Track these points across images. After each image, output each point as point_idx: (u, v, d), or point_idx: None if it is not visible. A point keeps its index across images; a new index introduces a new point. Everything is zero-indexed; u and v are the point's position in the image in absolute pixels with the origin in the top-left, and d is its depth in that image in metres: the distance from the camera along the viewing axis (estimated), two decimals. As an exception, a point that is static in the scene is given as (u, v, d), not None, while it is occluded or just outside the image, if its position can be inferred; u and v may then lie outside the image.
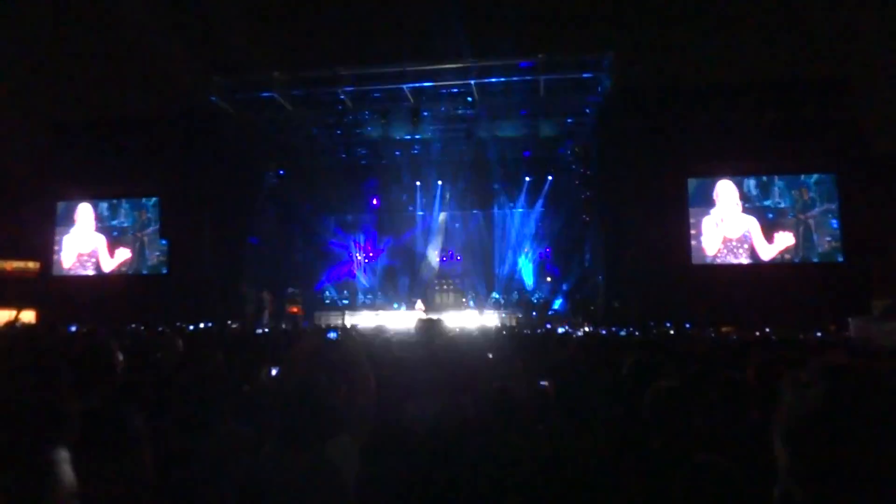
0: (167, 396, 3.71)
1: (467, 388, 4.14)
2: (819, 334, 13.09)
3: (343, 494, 2.91)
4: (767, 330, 13.86)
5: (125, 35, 18.70)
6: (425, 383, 4.03)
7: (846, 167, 20.06)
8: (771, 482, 1.25)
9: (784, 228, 20.69)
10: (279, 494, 2.82)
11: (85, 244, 23.99)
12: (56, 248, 24.11)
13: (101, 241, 23.89)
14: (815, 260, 20.44)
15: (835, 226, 20.45)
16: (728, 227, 20.94)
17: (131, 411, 2.43)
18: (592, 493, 3.18)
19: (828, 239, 20.49)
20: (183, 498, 2.93)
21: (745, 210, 20.89)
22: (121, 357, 3.07)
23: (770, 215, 20.79)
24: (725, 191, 21.07)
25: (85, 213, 24.09)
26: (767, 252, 20.65)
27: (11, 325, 8.53)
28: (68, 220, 24.20)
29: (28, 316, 19.81)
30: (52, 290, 22.91)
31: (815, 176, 20.73)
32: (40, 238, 24.02)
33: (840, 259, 20.18)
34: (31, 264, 24.46)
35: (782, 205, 20.80)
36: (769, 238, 20.65)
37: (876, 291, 18.68)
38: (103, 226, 24.03)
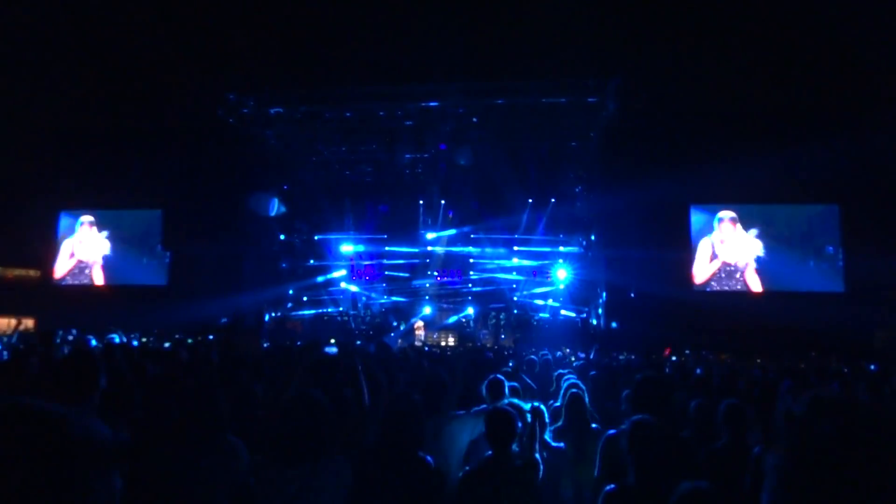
0: (160, 408, 3.69)
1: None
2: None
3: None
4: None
5: (132, 46, 18.78)
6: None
7: (850, 198, 20.08)
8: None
9: (785, 258, 20.67)
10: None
11: (86, 253, 23.96)
12: (57, 256, 24.07)
13: (101, 251, 23.88)
14: (816, 289, 20.38)
15: (837, 256, 20.41)
16: (727, 253, 20.95)
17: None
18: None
19: (829, 269, 20.45)
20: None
21: (746, 238, 20.90)
22: (103, 368, 3.04)
23: (771, 244, 20.77)
24: (726, 217, 21.10)
25: (87, 222, 24.10)
26: (765, 280, 20.61)
27: (14, 331, 8.55)
28: (70, 229, 24.20)
29: (28, 324, 19.75)
30: (52, 298, 22.84)
31: (819, 207, 20.74)
32: (42, 246, 23.98)
33: (842, 289, 20.11)
34: (32, 272, 24.41)
35: (784, 234, 20.79)
36: (768, 267, 20.63)
37: (878, 323, 18.58)
38: (105, 236, 24.03)
